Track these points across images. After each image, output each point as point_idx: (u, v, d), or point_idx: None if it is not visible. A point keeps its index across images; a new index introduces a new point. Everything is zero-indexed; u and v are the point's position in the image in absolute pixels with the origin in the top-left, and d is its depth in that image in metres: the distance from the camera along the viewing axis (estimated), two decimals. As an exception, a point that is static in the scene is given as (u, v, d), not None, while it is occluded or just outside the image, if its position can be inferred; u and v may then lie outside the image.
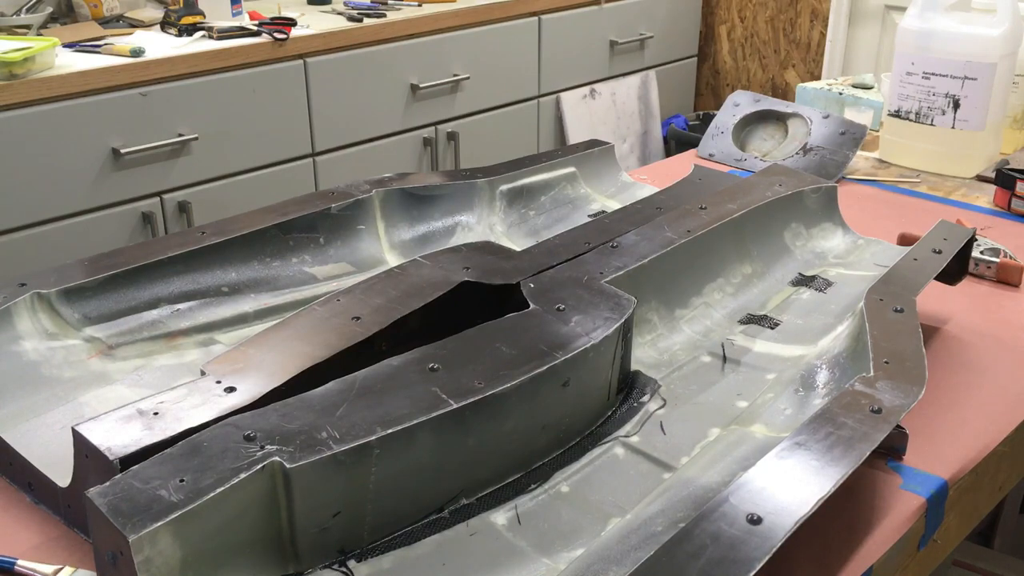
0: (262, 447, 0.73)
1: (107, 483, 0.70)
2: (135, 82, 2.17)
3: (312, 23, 2.56)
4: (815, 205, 1.36)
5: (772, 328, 1.15)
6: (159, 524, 0.66)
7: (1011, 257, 1.37)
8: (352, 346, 0.95)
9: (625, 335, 0.98)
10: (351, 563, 0.77)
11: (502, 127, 3.03)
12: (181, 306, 1.14)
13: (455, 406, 0.81)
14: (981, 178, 1.74)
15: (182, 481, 0.70)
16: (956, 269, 1.24)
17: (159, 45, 2.28)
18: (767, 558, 0.67)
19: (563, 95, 3.20)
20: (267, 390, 0.86)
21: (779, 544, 0.68)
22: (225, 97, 2.33)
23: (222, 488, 0.69)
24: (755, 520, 0.71)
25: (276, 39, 2.38)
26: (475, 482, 0.85)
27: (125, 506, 0.67)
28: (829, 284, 1.25)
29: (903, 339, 0.98)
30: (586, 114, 3.27)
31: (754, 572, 0.66)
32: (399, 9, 2.75)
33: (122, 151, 2.16)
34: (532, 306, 0.98)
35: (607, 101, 3.34)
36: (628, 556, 0.77)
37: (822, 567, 0.83)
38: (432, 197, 1.36)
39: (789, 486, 0.75)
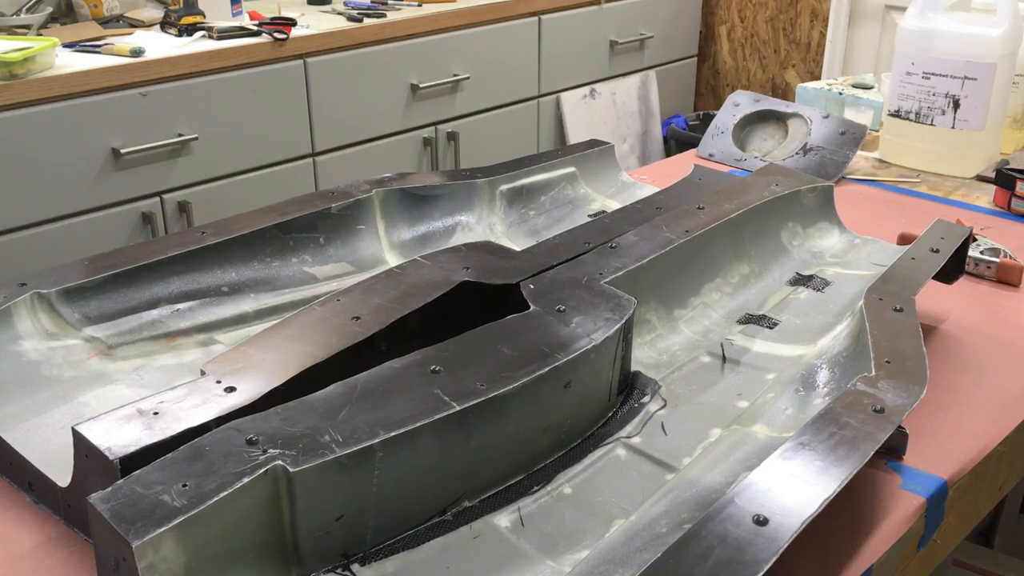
0: (264, 451, 0.73)
1: (109, 488, 0.69)
2: (135, 82, 2.17)
3: (312, 23, 2.56)
4: (811, 204, 1.36)
5: (771, 328, 1.16)
6: (162, 529, 0.66)
7: (1011, 257, 1.37)
8: (352, 346, 0.95)
9: (626, 336, 0.98)
10: (354, 567, 0.77)
11: (502, 127, 3.03)
12: (181, 306, 1.14)
13: (457, 408, 0.81)
14: (981, 178, 1.74)
15: (185, 486, 0.70)
16: (953, 268, 1.24)
17: (159, 45, 2.28)
18: (775, 559, 0.67)
19: (563, 95, 3.20)
20: (267, 390, 0.86)
21: (786, 545, 0.68)
22: (225, 97, 2.33)
23: (225, 493, 0.69)
24: (761, 521, 0.71)
25: (276, 39, 2.38)
26: (477, 484, 0.85)
27: (128, 512, 0.67)
28: (827, 283, 1.25)
29: (903, 338, 0.98)
30: (586, 114, 3.27)
31: (762, 573, 0.66)
32: (399, 9, 2.75)
33: (122, 151, 2.16)
34: (532, 307, 0.98)
35: (607, 101, 3.34)
36: (634, 558, 0.77)
37: (822, 567, 0.83)
38: (432, 197, 1.36)
39: (794, 486, 0.75)
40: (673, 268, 1.15)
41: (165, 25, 2.44)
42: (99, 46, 2.24)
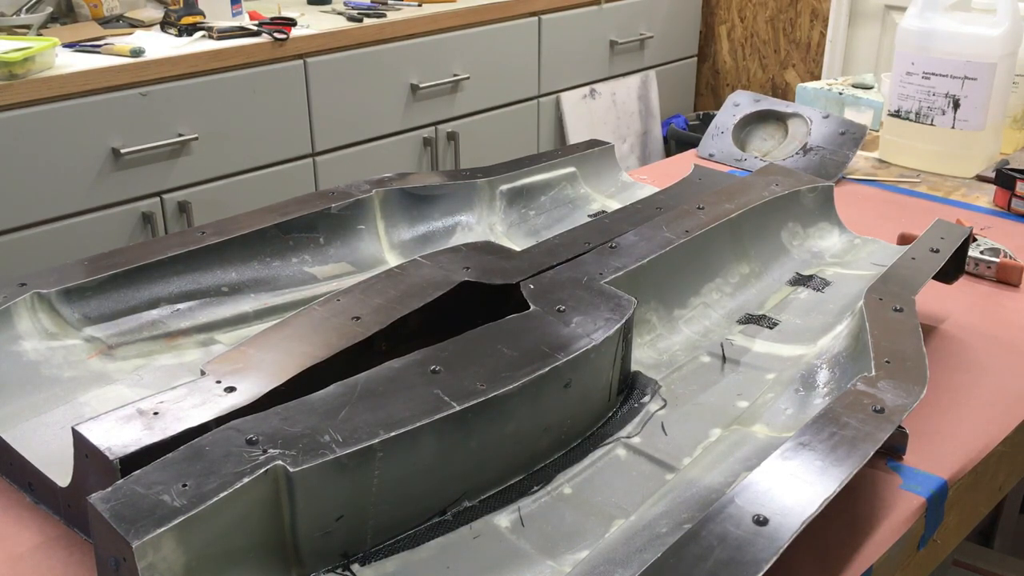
0: (264, 451, 0.73)
1: (109, 488, 0.69)
2: (135, 82, 2.17)
3: (312, 23, 2.56)
4: (811, 204, 1.36)
5: (771, 328, 1.16)
6: (162, 530, 0.66)
7: (1011, 257, 1.37)
8: (352, 346, 0.95)
9: (626, 336, 0.98)
10: (354, 567, 0.77)
11: (502, 127, 3.03)
12: (181, 306, 1.14)
13: (457, 408, 0.81)
14: (981, 178, 1.74)
15: (185, 486, 0.70)
16: (953, 268, 1.24)
17: (159, 45, 2.28)
18: (775, 559, 0.67)
19: (563, 95, 3.20)
20: (267, 390, 0.86)
21: (786, 545, 0.68)
22: (225, 97, 2.33)
23: (225, 493, 0.69)
24: (761, 521, 0.71)
25: (276, 39, 2.38)
26: (477, 484, 0.85)
27: (128, 512, 0.67)
28: (827, 283, 1.25)
29: (903, 338, 0.98)
30: (586, 114, 3.27)
31: (762, 573, 0.66)
32: (399, 9, 2.75)
33: (122, 151, 2.16)
34: (532, 307, 0.98)
35: (607, 101, 3.34)
36: (634, 558, 0.77)
37: (822, 567, 0.83)
38: (432, 197, 1.36)
39: (794, 487, 0.75)
40: (673, 268, 1.15)
41: (165, 25, 2.44)
42: (99, 46, 2.24)
